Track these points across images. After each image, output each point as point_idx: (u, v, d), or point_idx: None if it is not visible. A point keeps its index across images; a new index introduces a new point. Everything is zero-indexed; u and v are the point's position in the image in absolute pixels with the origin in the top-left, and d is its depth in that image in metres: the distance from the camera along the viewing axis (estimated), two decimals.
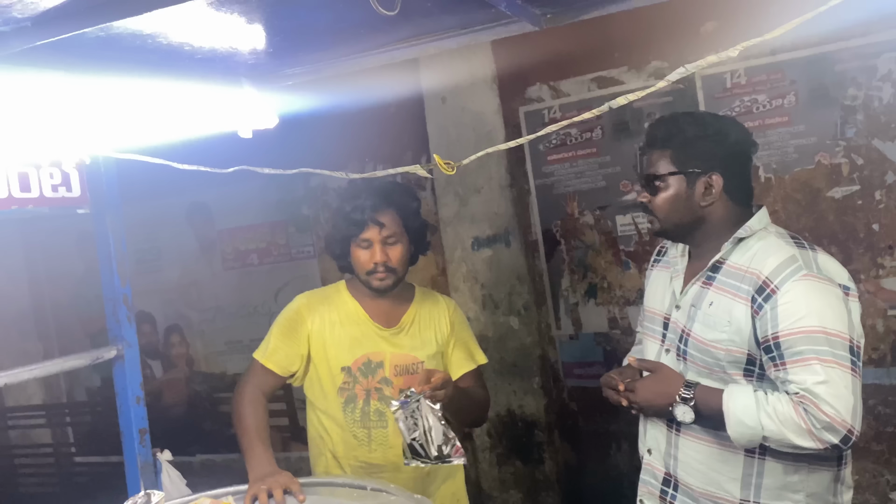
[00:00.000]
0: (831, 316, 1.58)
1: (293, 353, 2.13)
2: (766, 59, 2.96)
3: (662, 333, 1.84)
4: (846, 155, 2.89)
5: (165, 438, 2.22)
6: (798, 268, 1.62)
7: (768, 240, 1.71)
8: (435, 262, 3.75)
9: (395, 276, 2.09)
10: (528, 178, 3.49)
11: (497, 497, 3.61)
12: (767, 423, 1.56)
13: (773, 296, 1.60)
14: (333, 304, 2.17)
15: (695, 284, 1.77)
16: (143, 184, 2.72)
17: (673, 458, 1.79)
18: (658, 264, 1.97)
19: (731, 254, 1.72)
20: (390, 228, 2.06)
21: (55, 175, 1.97)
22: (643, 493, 1.89)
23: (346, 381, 2.12)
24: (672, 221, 1.75)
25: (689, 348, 1.74)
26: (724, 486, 1.71)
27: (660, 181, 1.73)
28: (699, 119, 1.79)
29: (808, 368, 1.55)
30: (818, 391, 1.52)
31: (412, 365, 2.15)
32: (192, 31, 1.48)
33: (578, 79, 3.32)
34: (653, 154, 1.76)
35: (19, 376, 1.92)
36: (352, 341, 2.13)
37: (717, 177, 1.71)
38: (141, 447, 2.11)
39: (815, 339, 1.56)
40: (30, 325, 4.94)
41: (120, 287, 2.10)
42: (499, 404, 3.55)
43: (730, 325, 1.65)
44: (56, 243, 4.63)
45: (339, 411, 2.12)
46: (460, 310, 2.32)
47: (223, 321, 4.30)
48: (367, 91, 2.89)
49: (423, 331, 2.19)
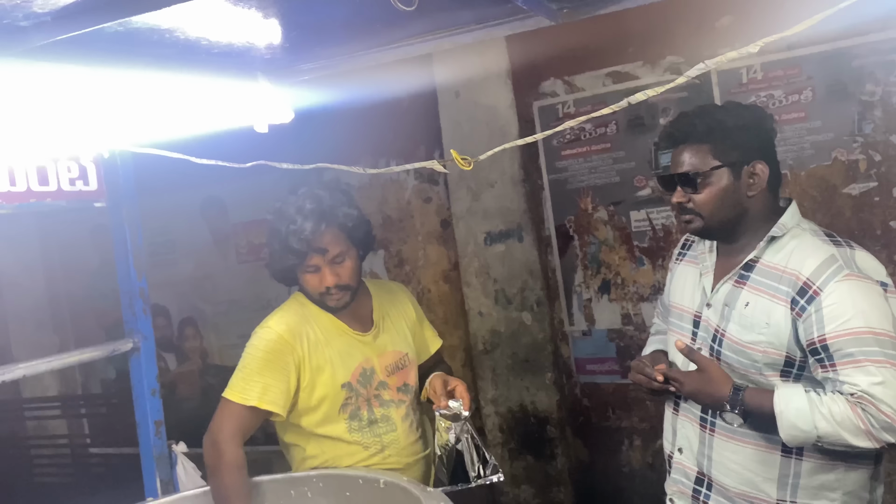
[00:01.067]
0: (877, 316, 1.56)
1: (286, 388, 1.95)
2: (782, 55, 2.94)
3: (693, 331, 1.80)
4: (863, 151, 2.87)
5: (179, 430, 2.23)
6: (839, 268, 1.59)
7: (803, 238, 1.67)
8: (447, 257, 3.75)
9: (350, 292, 2.00)
10: (541, 172, 3.48)
11: (508, 492, 3.62)
12: (823, 425, 1.54)
13: (816, 297, 1.58)
14: (310, 322, 2.02)
15: (727, 283, 1.73)
16: (157, 177, 2.74)
17: (707, 458, 1.76)
18: (684, 258, 1.93)
19: (764, 252, 1.69)
20: (334, 249, 1.95)
21: (73, 169, 1.98)
22: (673, 493, 1.87)
23: (349, 396, 2.01)
24: (718, 217, 1.70)
25: (724, 349, 1.71)
26: (761, 487, 1.69)
27: (702, 177, 1.68)
28: (733, 110, 1.74)
29: (861, 370, 1.53)
30: (875, 392, 1.51)
31: (399, 360, 2.12)
32: (210, 26, 1.49)
33: (593, 73, 3.30)
34: (687, 150, 1.70)
35: (36, 368, 1.94)
36: (342, 356, 2.02)
37: (762, 165, 1.68)
38: (156, 439, 2.13)
39: (864, 341, 1.54)
40: (46, 317, 4.98)
41: (136, 280, 2.12)
42: (511, 400, 3.55)
43: (768, 328, 1.63)
44: (71, 236, 4.67)
45: (344, 429, 2.01)
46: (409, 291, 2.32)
47: (237, 314, 4.33)
48: (381, 86, 2.89)
49: (396, 323, 2.15)
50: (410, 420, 2.10)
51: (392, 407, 2.06)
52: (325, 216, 1.94)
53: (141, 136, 1.71)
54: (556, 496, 3.53)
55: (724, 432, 1.72)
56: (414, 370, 2.16)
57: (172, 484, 2.15)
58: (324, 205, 1.96)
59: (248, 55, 1.76)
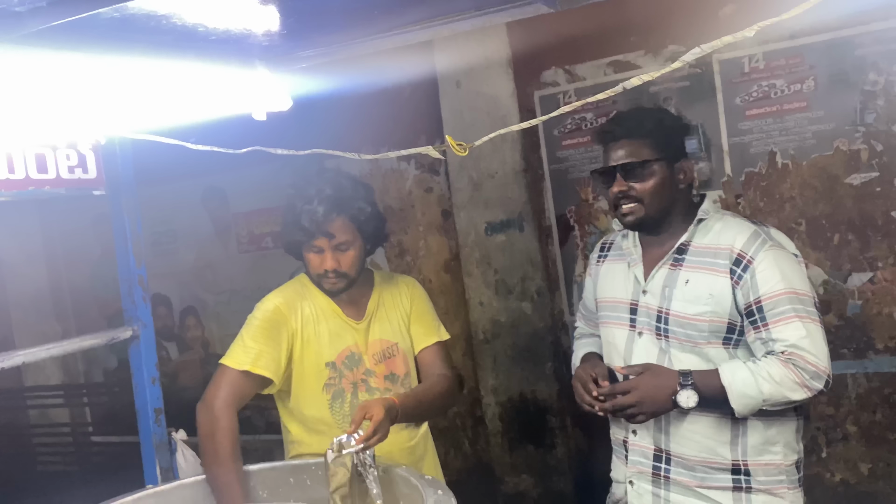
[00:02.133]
0: (798, 279, 1.80)
1: (279, 356, 2.02)
2: (784, 44, 2.92)
3: (631, 318, 1.95)
4: (865, 141, 2.86)
5: (181, 419, 2.23)
6: (764, 240, 1.82)
7: (726, 219, 1.90)
8: (448, 247, 3.75)
9: (347, 280, 2.05)
10: (542, 162, 3.47)
11: (508, 481, 3.63)
12: (766, 387, 1.72)
13: (750, 266, 1.79)
14: (307, 300, 2.10)
15: (662, 268, 1.91)
16: (158, 167, 2.73)
17: (664, 434, 1.90)
18: (607, 258, 2.11)
19: (693, 235, 1.89)
20: (341, 237, 2.01)
21: (71, 157, 1.98)
22: (632, 474, 1.98)
23: (332, 376, 2.07)
24: (656, 207, 1.88)
25: (671, 325, 1.87)
26: (718, 451, 1.85)
27: (645, 168, 1.86)
28: (665, 112, 2.03)
29: (790, 325, 1.75)
30: (803, 345, 1.73)
31: (388, 349, 2.14)
32: (207, 12, 1.48)
33: (594, 63, 3.29)
34: (629, 145, 1.89)
35: (37, 355, 1.95)
36: (331, 336, 2.08)
37: (688, 164, 1.92)
38: (156, 426, 2.14)
39: (790, 300, 1.76)
40: (48, 306, 5.00)
41: (135, 268, 2.12)
42: (511, 389, 3.56)
43: (712, 298, 1.81)
44: (73, 226, 4.67)
45: (326, 409, 2.07)
46: (420, 287, 2.28)
47: (238, 304, 4.32)
48: (381, 74, 2.88)
49: (390, 313, 2.18)
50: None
51: (377, 395, 2.07)
52: (340, 204, 2.02)
53: (139, 124, 1.70)
54: (555, 485, 3.54)
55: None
56: (403, 360, 2.17)
57: (172, 471, 2.15)
58: (342, 194, 2.04)
59: (246, 42, 1.75)
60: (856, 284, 2.93)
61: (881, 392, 2.93)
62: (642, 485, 1.95)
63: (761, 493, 1.84)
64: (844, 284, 2.94)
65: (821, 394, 1.75)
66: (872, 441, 2.95)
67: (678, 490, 1.89)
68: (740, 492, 1.84)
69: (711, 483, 1.86)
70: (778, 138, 3.00)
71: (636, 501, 1.97)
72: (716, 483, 1.85)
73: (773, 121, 2.99)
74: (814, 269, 2.97)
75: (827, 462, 3.04)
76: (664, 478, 1.91)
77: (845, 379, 2.96)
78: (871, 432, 2.96)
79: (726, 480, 1.85)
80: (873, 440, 2.95)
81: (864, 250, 2.91)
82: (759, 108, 3.01)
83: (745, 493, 1.84)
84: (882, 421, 2.93)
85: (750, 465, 1.84)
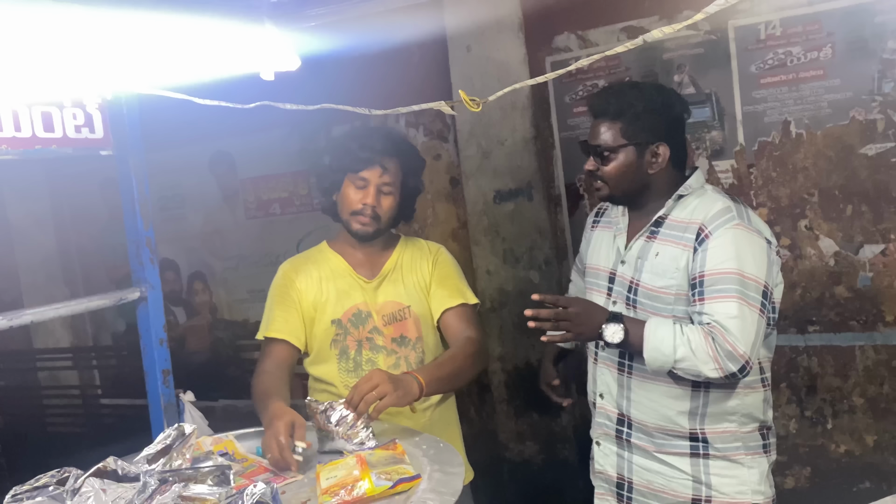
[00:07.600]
0: (752, 263, 1.77)
1: (291, 317, 2.12)
2: (802, 10, 2.86)
3: (609, 287, 2.00)
4: (882, 111, 2.81)
5: (189, 384, 2.24)
6: (731, 217, 1.81)
7: (705, 195, 1.90)
8: (456, 215, 3.73)
9: (378, 226, 2.07)
10: (552, 130, 3.43)
11: (513, 448, 3.65)
12: (681, 350, 1.73)
13: (706, 240, 1.80)
14: (316, 262, 2.17)
15: (639, 239, 1.94)
16: (166, 131, 2.71)
17: (626, 399, 1.96)
18: (599, 225, 2.14)
19: (672, 210, 1.91)
20: (390, 176, 2.06)
21: (78, 116, 1.96)
22: (598, 435, 2.07)
23: (338, 333, 2.11)
24: (621, 188, 1.91)
25: (639, 297, 1.91)
26: (675, 420, 1.90)
27: (610, 151, 1.88)
28: (646, 92, 1.93)
29: (723, 304, 1.73)
30: (728, 325, 1.71)
31: (398, 311, 2.14)
32: None
33: (608, 28, 3.23)
34: (602, 125, 1.90)
35: (45, 314, 1.95)
36: (339, 294, 2.12)
37: (664, 147, 1.88)
38: (164, 387, 2.15)
39: (732, 280, 1.74)
40: (56, 269, 5.02)
41: (143, 229, 2.11)
42: (517, 357, 3.56)
43: (678, 272, 1.84)
44: (81, 190, 4.67)
45: (335, 367, 2.12)
46: (447, 253, 2.26)
47: (246, 270, 4.34)
48: (390, 34, 2.83)
49: (406, 276, 2.17)
50: (401, 372, 2.08)
51: (381, 354, 2.09)
52: (397, 146, 2.11)
53: (145, 81, 1.68)
54: (560, 452, 3.56)
55: (640, 374, 1.92)
56: (415, 324, 2.16)
57: None
58: (401, 145, 2.13)
59: None
60: (867, 256, 2.90)
61: (889, 364, 2.92)
62: (608, 446, 2.04)
63: (718, 459, 1.89)
64: (856, 256, 2.92)
65: (733, 376, 1.74)
66: (879, 413, 2.95)
67: (639, 453, 1.97)
68: (698, 458, 1.90)
69: (669, 449, 1.92)
70: (793, 107, 2.95)
71: (603, 461, 2.06)
72: (674, 449, 1.91)
73: (789, 89, 2.94)
74: (825, 241, 2.94)
75: (832, 433, 3.04)
76: (626, 441, 1.99)
77: (854, 351, 2.95)
78: (877, 404, 2.95)
79: (684, 447, 1.90)
80: (879, 412, 2.95)
81: (876, 222, 2.88)
82: (774, 76, 2.96)
83: (702, 459, 1.90)
84: (889, 393, 2.92)
85: (707, 434, 1.89)
